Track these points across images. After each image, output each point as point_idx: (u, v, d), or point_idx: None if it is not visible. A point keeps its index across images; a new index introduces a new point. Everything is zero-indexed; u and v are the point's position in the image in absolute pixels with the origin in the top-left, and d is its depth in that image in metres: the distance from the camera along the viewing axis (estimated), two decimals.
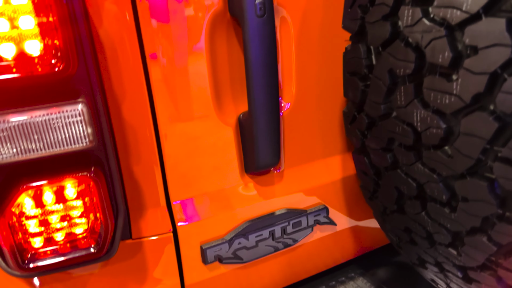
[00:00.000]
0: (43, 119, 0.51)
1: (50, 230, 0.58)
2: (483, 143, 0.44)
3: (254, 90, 0.65)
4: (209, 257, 0.71)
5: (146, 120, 0.62)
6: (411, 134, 0.52)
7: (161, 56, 0.61)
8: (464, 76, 0.44)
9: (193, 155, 0.68)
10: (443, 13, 0.45)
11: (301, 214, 0.78)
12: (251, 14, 0.61)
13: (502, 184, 0.45)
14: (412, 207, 0.58)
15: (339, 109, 0.76)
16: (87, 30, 0.52)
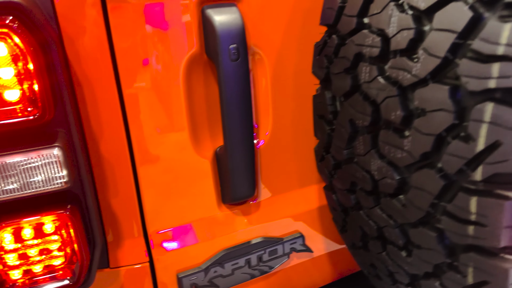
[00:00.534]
0: (21, 163, 0.54)
1: (28, 263, 0.61)
2: (431, 198, 0.47)
3: (229, 127, 0.68)
4: (185, 285, 0.74)
5: (124, 156, 0.65)
6: (370, 181, 0.55)
7: (139, 95, 0.63)
8: (414, 134, 0.47)
9: (170, 187, 0.70)
10: (395, 74, 0.48)
11: (277, 242, 0.81)
12: (225, 59, 0.64)
13: (449, 236, 0.47)
14: (375, 246, 0.61)
15: (314, 144, 0.79)
16: (65, 77, 0.55)
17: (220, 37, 0.63)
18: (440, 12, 0.43)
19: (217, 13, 0.63)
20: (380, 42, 0.49)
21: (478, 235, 0.44)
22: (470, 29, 0.40)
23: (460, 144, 0.43)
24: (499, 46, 0.38)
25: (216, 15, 0.63)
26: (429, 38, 0.44)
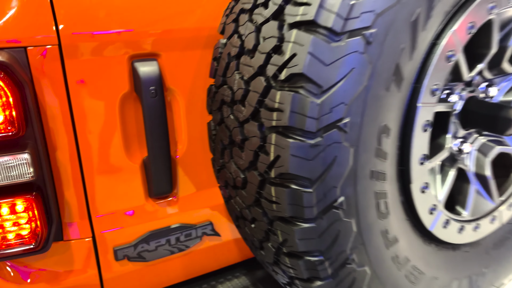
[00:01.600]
0: (3, 162, 0.82)
1: (5, 231, 0.88)
2: (256, 188, 0.77)
3: (150, 143, 0.98)
4: (119, 255, 1.02)
5: (74, 161, 0.94)
6: (232, 179, 0.85)
7: (86, 118, 0.93)
8: (246, 150, 0.77)
9: (109, 183, 0.99)
10: (237, 113, 0.78)
11: (191, 227, 1.11)
12: (146, 96, 0.94)
13: (267, 212, 0.78)
14: (242, 223, 0.91)
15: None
16: (34, 107, 0.84)
17: (143, 82, 0.93)
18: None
19: (142, 65, 0.93)
20: (230, 94, 0.80)
21: (278, 209, 0.75)
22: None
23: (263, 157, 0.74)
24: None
25: (141, 67, 0.93)
26: (250, 95, 0.75)
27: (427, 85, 0.80)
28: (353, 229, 0.77)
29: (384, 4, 0.67)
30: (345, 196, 0.73)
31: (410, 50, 0.73)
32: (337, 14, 0.65)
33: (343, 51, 0.66)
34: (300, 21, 0.67)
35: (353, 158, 0.71)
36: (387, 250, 0.84)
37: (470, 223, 1.04)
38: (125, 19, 0.91)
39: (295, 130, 0.69)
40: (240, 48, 0.78)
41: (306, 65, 0.66)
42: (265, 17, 0.73)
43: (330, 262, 0.78)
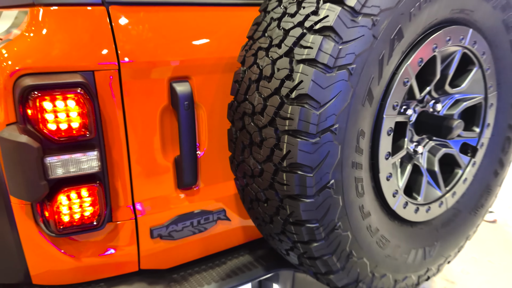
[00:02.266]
0: (78, 157, 1.08)
1: (72, 212, 1.14)
2: (270, 177, 1.07)
3: (182, 145, 1.26)
4: (154, 234, 1.29)
5: (124, 158, 1.21)
6: (250, 170, 1.15)
7: (135, 125, 1.20)
8: (264, 147, 1.08)
9: (149, 176, 1.27)
10: (257, 122, 1.09)
11: (209, 213, 1.39)
12: (181, 109, 1.23)
13: (279, 191, 1.08)
14: (255, 204, 1.20)
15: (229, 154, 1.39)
16: (99, 115, 1.11)
17: (179, 98, 1.22)
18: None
19: (178, 85, 1.22)
20: (251, 107, 1.10)
21: (288, 190, 1.05)
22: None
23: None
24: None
25: (177, 86, 1.22)
26: (268, 108, 1.05)
27: (390, 102, 1.14)
28: (340, 203, 1.08)
29: (360, 48, 0.99)
30: (334, 180, 1.04)
31: (378, 78, 1.06)
32: (330, 55, 0.97)
33: (334, 79, 0.98)
34: (305, 58, 0.99)
35: (340, 153, 1.03)
36: (363, 221, 1.16)
37: (423, 206, 1.38)
38: (166, 50, 1.20)
39: (301, 133, 1.00)
40: (259, 75, 1.09)
41: (310, 88, 0.97)
42: (279, 55, 1.04)
43: (323, 228, 1.08)
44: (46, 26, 1.11)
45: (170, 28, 1.22)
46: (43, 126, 1.05)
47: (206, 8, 1.29)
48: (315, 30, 0.99)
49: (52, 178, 1.07)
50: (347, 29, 0.98)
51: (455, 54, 1.30)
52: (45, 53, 1.07)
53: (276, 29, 1.08)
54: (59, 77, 1.06)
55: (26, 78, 1.04)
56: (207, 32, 1.27)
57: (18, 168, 1.04)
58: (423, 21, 1.13)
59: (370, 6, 1.00)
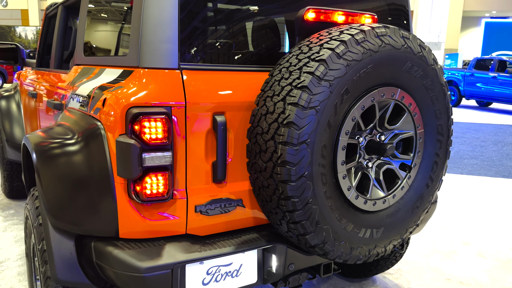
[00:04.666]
0: (160, 155, 1.87)
1: (152, 188, 1.91)
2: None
3: (218, 154, 2.05)
4: (197, 210, 2.04)
5: (184, 158, 1.99)
6: (259, 166, 1.92)
7: (191, 140, 1.99)
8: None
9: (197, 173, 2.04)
10: None
11: (231, 200, 2.14)
12: (219, 132, 2.02)
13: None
14: (262, 193, 1.96)
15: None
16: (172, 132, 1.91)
17: (218, 125, 2.02)
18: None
19: (218, 117, 2.02)
20: (261, 130, 1.89)
21: (281, 177, 1.81)
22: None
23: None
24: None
25: (217, 117, 2.02)
26: (270, 130, 1.84)
27: (343, 129, 1.92)
28: (311, 187, 1.83)
29: (322, 98, 1.79)
30: (307, 172, 1.81)
31: (334, 115, 1.85)
32: (305, 100, 1.77)
33: (308, 114, 1.77)
34: (293, 102, 1.79)
35: (311, 156, 1.80)
36: (326, 201, 1.90)
37: (371, 201, 2.11)
38: (212, 96, 2.02)
39: (289, 143, 1.78)
40: (266, 111, 1.90)
41: (294, 118, 1.77)
42: (278, 100, 1.85)
43: (301, 202, 1.83)
44: (145, 79, 1.95)
45: (216, 83, 2.05)
46: (142, 135, 1.85)
47: (238, 72, 2.13)
48: (297, 87, 1.80)
49: (144, 166, 1.86)
50: (316, 87, 1.79)
51: (389, 104, 2.10)
52: (144, 95, 1.90)
53: (277, 85, 1.90)
54: (152, 109, 1.88)
55: (134, 109, 1.86)
56: (237, 86, 2.10)
57: (126, 158, 1.83)
58: (362, 84, 1.94)
59: (328, 75, 1.82)
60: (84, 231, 2.01)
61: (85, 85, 2.45)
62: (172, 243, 2.01)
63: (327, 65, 1.81)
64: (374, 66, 1.93)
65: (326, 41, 1.88)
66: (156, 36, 1.96)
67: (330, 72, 1.81)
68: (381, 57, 1.94)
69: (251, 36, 2.52)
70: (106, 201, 1.95)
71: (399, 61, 2.02)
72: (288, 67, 1.91)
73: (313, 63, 1.82)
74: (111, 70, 2.28)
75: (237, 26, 2.44)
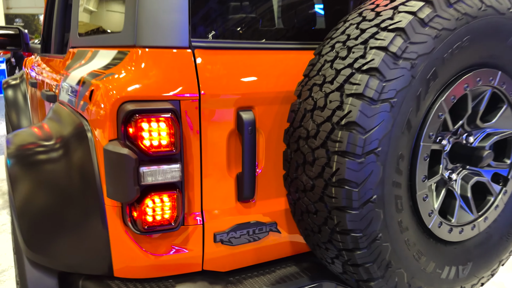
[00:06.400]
0: (164, 169, 1.34)
1: (155, 214, 1.38)
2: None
3: (244, 163, 1.50)
4: (217, 239, 1.51)
5: (198, 171, 1.45)
6: (303, 186, 1.36)
7: (208, 145, 1.45)
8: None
9: (216, 189, 1.50)
10: (311, 144, 1.31)
11: (262, 224, 1.59)
12: (246, 133, 1.47)
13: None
14: (306, 216, 1.40)
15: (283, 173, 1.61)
16: (182, 138, 1.37)
17: (244, 124, 1.46)
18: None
19: (244, 113, 1.47)
20: (306, 132, 1.32)
21: (336, 202, 1.25)
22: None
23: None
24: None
25: (243, 114, 1.47)
26: (320, 133, 1.27)
27: (426, 132, 1.33)
28: (381, 216, 1.26)
29: (401, 86, 1.21)
30: (377, 195, 1.23)
31: (416, 111, 1.26)
32: (375, 90, 1.19)
33: (378, 110, 1.19)
34: (354, 93, 1.21)
35: (382, 172, 1.22)
36: (401, 234, 1.33)
37: (457, 228, 1.52)
38: (236, 85, 1.46)
39: (349, 153, 1.20)
40: (314, 106, 1.32)
41: (357, 117, 1.19)
42: (331, 89, 1.27)
43: (366, 238, 1.26)
44: (145, 63, 1.40)
45: (240, 68, 1.49)
46: (140, 142, 1.31)
47: (269, 52, 1.55)
48: (362, 70, 1.22)
49: (143, 184, 1.33)
50: (390, 70, 1.20)
51: (485, 93, 1.48)
52: (143, 85, 1.36)
53: (329, 69, 1.32)
54: (153, 104, 1.33)
55: (128, 104, 1.32)
56: (269, 71, 1.53)
57: (117, 174, 1.30)
58: (455, 64, 1.33)
59: (409, 52, 1.22)
60: (69, 267, 1.52)
61: (76, 72, 1.93)
62: (185, 283, 1.50)
63: (407, 37, 1.22)
64: (471, 39, 1.32)
65: (402, 2, 1.28)
66: (159, 3, 1.40)
67: (411, 47, 1.22)
68: (481, 25, 1.33)
69: (287, 3, 1.92)
70: (95, 229, 1.45)
71: (503, 31, 1.41)
72: (345, 42, 1.32)
73: (386, 34, 1.23)
74: (105, 52, 1.75)
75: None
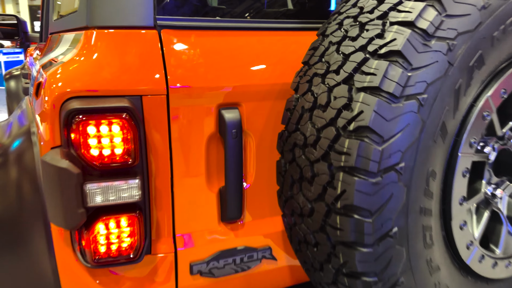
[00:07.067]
0: (118, 185, 1.03)
1: (110, 242, 1.08)
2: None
3: (228, 175, 1.18)
4: (194, 270, 1.20)
5: (167, 187, 1.14)
6: (299, 209, 1.03)
7: (180, 153, 1.14)
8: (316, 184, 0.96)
9: (192, 207, 1.19)
10: (308, 155, 0.98)
11: (253, 250, 1.28)
12: (229, 137, 1.15)
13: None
14: (303, 245, 1.08)
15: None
16: (144, 142, 1.06)
17: (227, 125, 1.14)
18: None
19: (226, 112, 1.15)
20: (303, 139, 0.99)
21: (341, 235, 0.92)
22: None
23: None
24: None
25: (226, 113, 1.15)
26: (321, 140, 0.94)
27: (466, 139, 0.98)
28: (403, 255, 0.92)
29: (434, 76, 0.86)
30: (398, 227, 0.90)
31: (453, 111, 0.91)
32: (397, 83, 0.84)
33: (401, 111, 0.85)
34: (367, 86, 0.87)
35: (406, 196, 0.89)
36: (431, 277, 0.99)
37: (503, 260, 1.17)
38: (216, 76, 1.13)
39: (360, 170, 0.87)
40: (313, 104, 0.99)
41: (371, 120, 0.85)
42: (336, 81, 0.94)
43: (383, 283, 0.93)
44: (98, 49, 1.09)
45: (222, 53, 1.16)
46: (85, 151, 1.01)
47: (259, 33, 1.22)
48: (379, 55, 0.88)
49: (90, 206, 1.02)
50: (418, 54, 0.85)
51: None
52: (94, 76, 1.05)
53: (335, 53, 0.98)
54: (105, 101, 1.02)
55: (73, 101, 1.01)
56: (259, 58, 1.20)
57: (56, 193, 1.00)
58: (508, 46, 0.97)
59: (445, 28, 0.87)
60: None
61: (39, 62, 1.64)
62: None
63: (443, 7, 0.87)
64: None
65: None
66: None
67: (448, 22, 0.87)
68: None
69: None
70: (40, 257, 1.16)
71: None
72: (356, 17, 0.98)
73: (412, 4, 0.88)
74: (66, 36, 1.45)
75: None
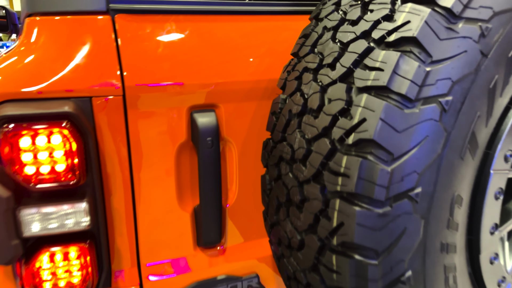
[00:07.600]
0: (61, 210, 0.83)
1: (56, 278, 0.88)
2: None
3: (203, 192, 0.97)
4: None
5: (129, 208, 0.94)
6: (287, 239, 0.82)
7: (143, 167, 0.93)
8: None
9: (160, 232, 0.99)
10: (296, 172, 0.76)
11: (237, 280, 1.07)
12: (203, 146, 0.94)
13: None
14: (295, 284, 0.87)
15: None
16: (94, 157, 0.85)
17: (200, 132, 0.93)
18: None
19: (200, 116, 0.94)
20: (290, 151, 0.78)
21: (339, 280, 0.71)
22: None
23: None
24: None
25: (199, 118, 0.94)
26: (312, 155, 0.73)
27: (500, 151, 0.76)
28: None
29: (461, 72, 0.64)
30: (412, 271, 0.68)
31: (486, 118, 0.69)
32: (411, 81, 0.62)
33: (417, 118, 0.63)
34: (371, 86, 0.65)
35: (423, 230, 0.67)
36: None
37: None
38: (186, 72, 0.92)
39: (362, 198, 0.65)
40: (303, 107, 0.77)
41: (377, 131, 0.63)
42: (331, 79, 0.72)
43: None
44: (40, 39, 0.88)
45: (193, 44, 0.95)
46: (18, 168, 0.80)
47: (240, 18, 1.00)
48: (388, 44, 0.66)
49: (27, 236, 0.82)
50: (440, 41, 0.63)
51: None
52: (34, 74, 0.84)
53: (330, 42, 0.76)
54: (44, 105, 0.82)
55: (5, 106, 0.81)
56: (240, 48, 0.98)
57: None
58: None
59: (477, 7, 0.65)
60: None
61: None
62: None
63: None
64: None
65: None
66: None
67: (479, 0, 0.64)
68: None
69: None
70: None
71: None
72: None
73: None
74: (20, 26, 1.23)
75: None
